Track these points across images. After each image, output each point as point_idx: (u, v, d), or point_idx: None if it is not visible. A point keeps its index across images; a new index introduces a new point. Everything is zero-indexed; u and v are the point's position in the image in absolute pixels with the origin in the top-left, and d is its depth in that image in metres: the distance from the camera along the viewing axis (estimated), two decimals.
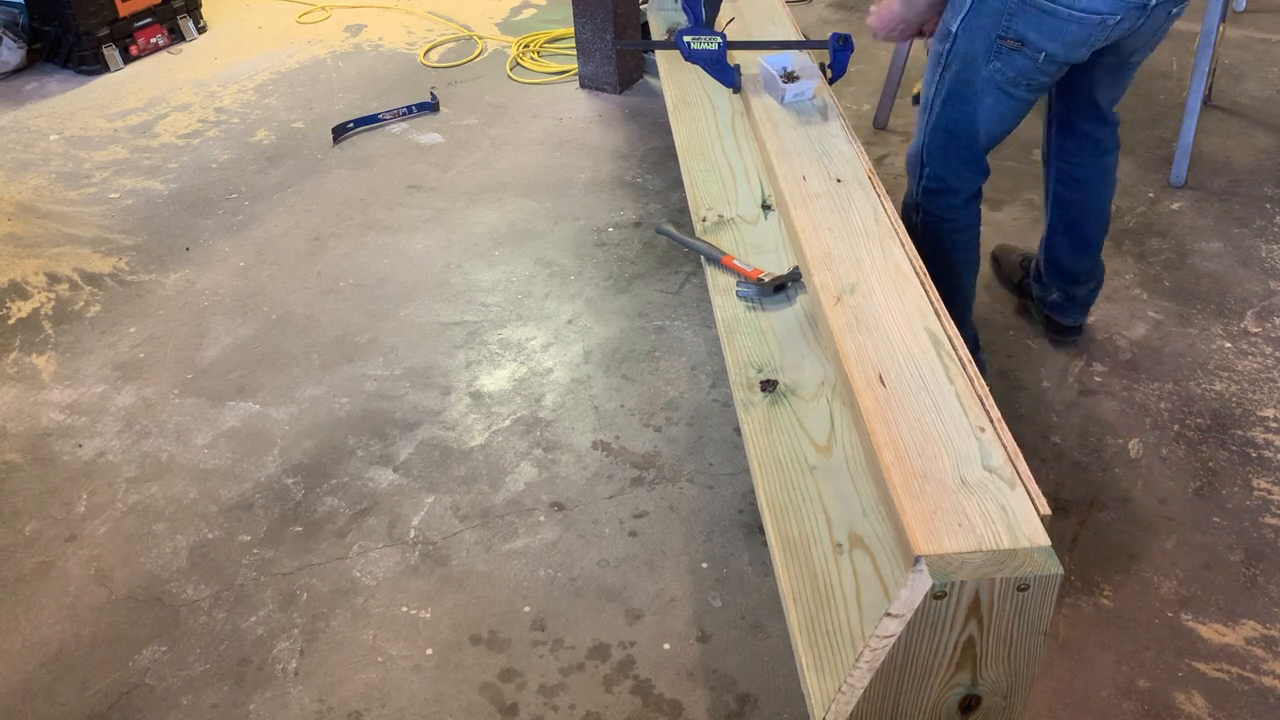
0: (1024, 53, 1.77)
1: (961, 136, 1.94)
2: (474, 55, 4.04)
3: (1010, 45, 1.77)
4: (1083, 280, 2.34)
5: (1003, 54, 1.79)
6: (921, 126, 2.00)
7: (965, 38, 1.82)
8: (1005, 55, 1.79)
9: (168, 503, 2.11)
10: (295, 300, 2.69)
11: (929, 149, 1.99)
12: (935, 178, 2.02)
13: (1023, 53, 1.78)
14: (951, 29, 1.83)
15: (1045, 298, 2.40)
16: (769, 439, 1.61)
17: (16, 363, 2.51)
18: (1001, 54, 1.79)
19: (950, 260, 2.09)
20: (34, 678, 1.78)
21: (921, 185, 2.04)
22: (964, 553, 1.20)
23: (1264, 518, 2.01)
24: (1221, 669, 1.74)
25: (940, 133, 1.96)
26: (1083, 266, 2.32)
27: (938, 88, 1.92)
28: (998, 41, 1.78)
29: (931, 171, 2.01)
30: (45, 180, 3.27)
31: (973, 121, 1.91)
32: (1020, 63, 1.80)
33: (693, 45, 2.28)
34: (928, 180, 2.03)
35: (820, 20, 4.22)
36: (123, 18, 3.99)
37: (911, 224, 2.08)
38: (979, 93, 1.86)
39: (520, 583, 1.92)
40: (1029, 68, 1.80)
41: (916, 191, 2.06)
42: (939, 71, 1.90)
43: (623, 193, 3.09)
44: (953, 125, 1.93)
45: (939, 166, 2.00)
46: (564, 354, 2.47)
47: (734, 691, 1.73)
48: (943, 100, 1.92)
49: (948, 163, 1.99)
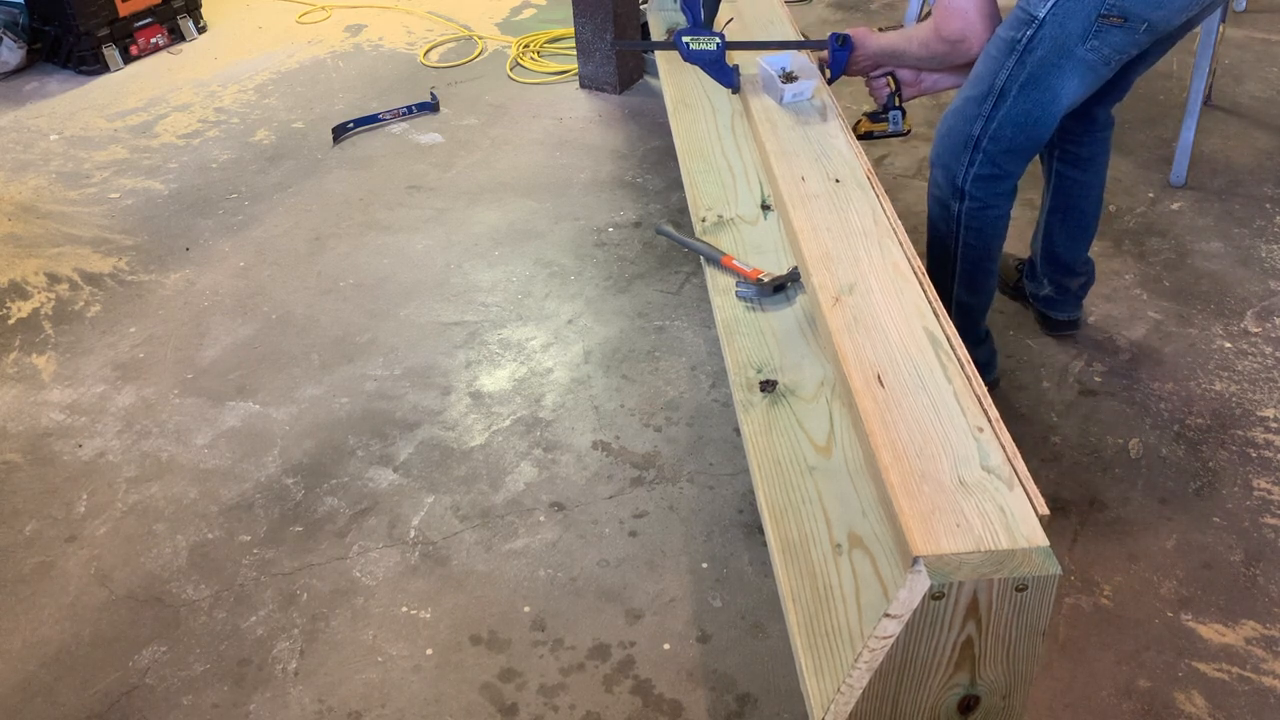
0: (1125, 27, 1.74)
1: (1034, 124, 1.90)
2: (474, 55, 4.04)
3: (1112, 22, 1.73)
4: (1077, 271, 2.35)
5: (1102, 32, 1.75)
6: (982, 114, 1.93)
7: (1057, 21, 1.77)
8: (1105, 33, 1.75)
9: (168, 503, 2.11)
10: (295, 300, 2.69)
11: (993, 136, 1.93)
12: (992, 164, 1.97)
13: (1124, 27, 1.74)
14: (1038, 14, 1.78)
15: (1038, 293, 2.41)
16: (769, 439, 1.61)
17: (16, 363, 2.51)
18: (1101, 32, 1.75)
19: (989, 248, 2.08)
20: (34, 678, 1.78)
21: (973, 172, 1.99)
22: (962, 553, 1.20)
23: (1264, 518, 2.01)
24: (1221, 669, 1.75)
25: (1012, 121, 1.91)
26: (1077, 255, 2.32)
27: (1013, 74, 1.85)
28: (1099, 20, 1.74)
29: (988, 159, 1.96)
30: (45, 180, 3.27)
31: (1053, 105, 1.87)
32: (1117, 38, 1.76)
33: (692, 46, 2.28)
34: (981, 167, 1.98)
35: (820, 20, 4.22)
36: (123, 18, 3.99)
37: (948, 214, 2.06)
38: (1066, 75, 1.82)
39: (520, 583, 1.92)
40: (1126, 42, 1.77)
41: (964, 178, 2.00)
42: (1016, 57, 1.84)
43: (623, 193, 3.09)
44: (1030, 112, 1.89)
45: (1000, 155, 1.96)
46: (564, 354, 2.47)
47: (734, 691, 1.73)
48: (1020, 86, 1.86)
49: (1013, 150, 1.95)
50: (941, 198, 2.07)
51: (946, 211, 2.06)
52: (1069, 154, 2.21)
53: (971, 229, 2.04)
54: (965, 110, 1.97)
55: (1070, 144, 2.20)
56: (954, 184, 2.02)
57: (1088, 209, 2.27)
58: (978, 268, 2.10)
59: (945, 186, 2.05)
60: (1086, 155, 2.20)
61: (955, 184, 2.02)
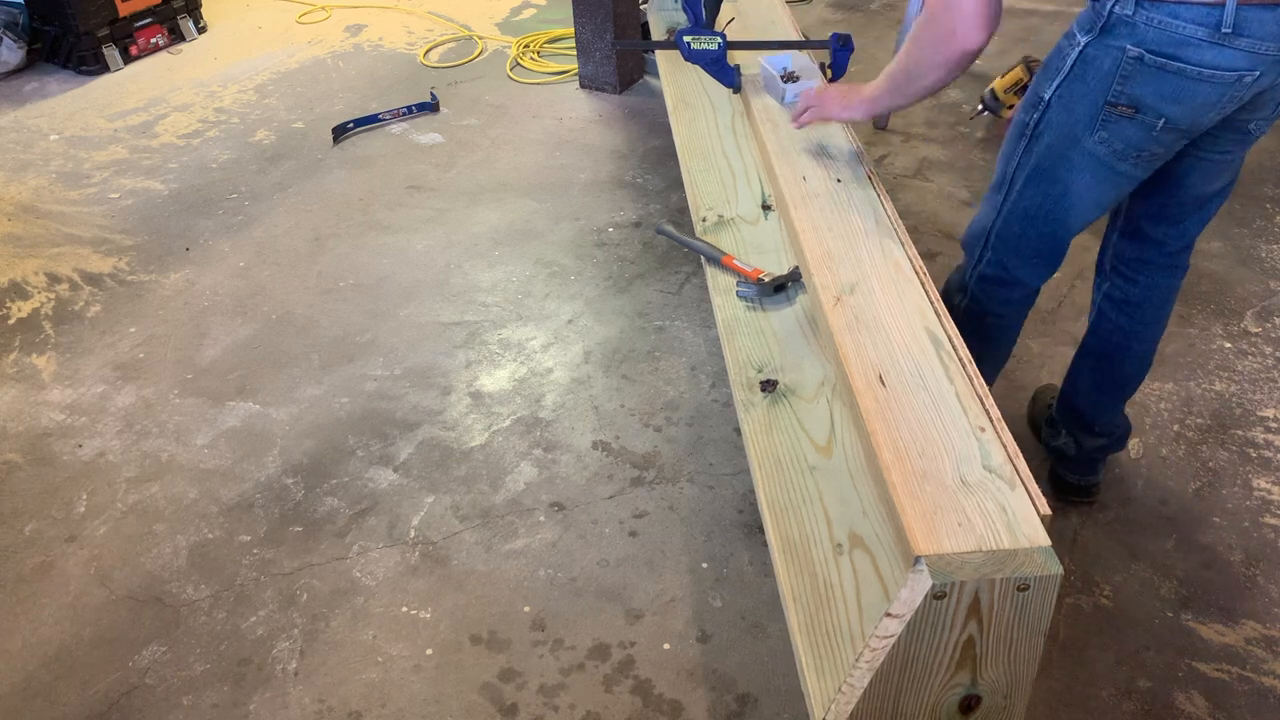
0: (1138, 120, 1.50)
1: (1045, 220, 1.68)
2: (474, 55, 4.04)
3: (1121, 112, 1.50)
4: (1097, 430, 1.99)
5: (1111, 122, 1.52)
6: (994, 205, 1.74)
7: (1062, 105, 1.56)
8: (1114, 124, 1.52)
9: (168, 503, 2.11)
10: (295, 300, 2.69)
11: (1000, 233, 1.74)
12: (999, 265, 1.77)
13: (1136, 120, 1.50)
14: (1044, 96, 1.58)
15: (1051, 442, 2.06)
16: (769, 439, 1.61)
17: (16, 363, 2.51)
18: (1110, 123, 1.52)
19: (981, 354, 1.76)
20: (34, 678, 1.78)
21: (978, 271, 1.80)
22: (964, 553, 1.20)
23: (1264, 518, 2.01)
24: (1221, 669, 1.74)
25: (1019, 216, 1.70)
26: (1103, 412, 1.98)
27: (1021, 163, 1.65)
28: (1105, 108, 1.51)
29: (996, 258, 1.77)
30: (45, 180, 3.27)
31: (1062, 203, 1.64)
32: (1131, 132, 1.52)
33: (693, 45, 2.28)
34: (988, 267, 1.78)
35: (820, 20, 4.22)
36: (123, 18, 3.99)
37: (951, 305, 1.81)
38: (1075, 168, 1.60)
39: (520, 583, 1.92)
40: (1142, 138, 1.52)
41: (970, 276, 1.82)
42: (1023, 144, 1.64)
43: (623, 193, 3.09)
44: (1037, 207, 1.67)
45: (1007, 254, 1.75)
46: (564, 354, 2.47)
47: (734, 691, 1.73)
48: (1026, 177, 1.65)
49: (1020, 251, 1.74)
50: (952, 285, 1.90)
51: (950, 299, 1.87)
52: (1117, 290, 1.88)
53: (967, 330, 1.67)
54: (988, 197, 1.77)
55: (1121, 278, 1.87)
56: (963, 277, 1.85)
57: (1125, 362, 1.92)
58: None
59: (959, 276, 1.88)
60: (1137, 298, 1.86)
61: (964, 278, 1.85)
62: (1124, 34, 1.45)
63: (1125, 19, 1.44)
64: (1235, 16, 1.37)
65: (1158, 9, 1.40)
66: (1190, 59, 1.41)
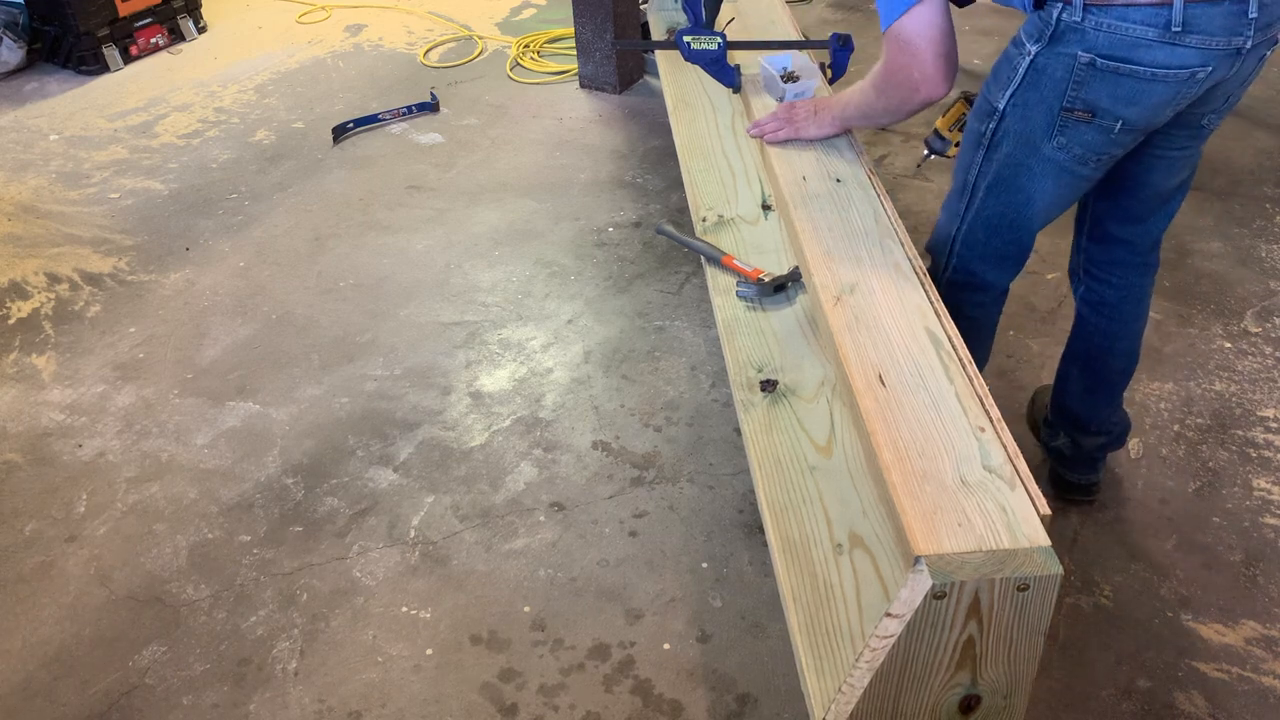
0: (1095, 124, 1.51)
1: (1009, 228, 1.69)
2: (474, 55, 4.04)
3: (1078, 117, 1.51)
4: (1094, 430, 2.00)
5: (1068, 128, 1.53)
6: (955, 213, 1.74)
7: (1018, 113, 1.56)
8: (1071, 129, 1.53)
9: (168, 503, 2.11)
10: (295, 300, 2.69)
11: (965, 240, 1.74)
12: (965, 272, 1.78)
13: (1093, 124, 1.51)
14: (998, 105, 1.58)
15: (1050, 442, 2.07)
16: (769, 439, 1.61)
17: (16, 363, 2.51)
18: (1066, 128, 1.53)
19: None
20: (34, 678, 1.78)
21: (947, 277, 1.80)
22: (964, 553, 1.20)
23: (1264, 518, 2.01)
24: (1221, 669, 1.74)
25: (982, 224, 1.70)
26: (1095, 413, 1.99)
27: (981, 171, 1.65)
28: (1062, 114, 1.51)
29: (961, 265, 1.77)
30: (45, 180, 3.27)
31: (1025, 209, 1.65)
32: (1089, 136, 1.53)
33: (693, 45, 2.28)
34: (954, 273, 1.78)
35: (820, 20, 4.22)
36: (123, 18, 3.99)
37: None
38: (1036, 175, 1.60)
39: (520, 583, 1.92)
40: (1100, 141, 1.53)
41: (939, 281, 1.80)
42: (981, 153, 1.64)
43: (623, 193, 3.09)
44: (999, 215, 1.68)
45: (973, 260, 1.76)
46: (564, 354, 2.47)
47: (734, 691, 1.73)
48: (988, 186, 1.66)
49: (985, 257, 1.75)
50: None
51: None
52: (1093, 294, 1.90)
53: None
54: (948, 204, 1.78)
55: (1095, 280, 1.89)
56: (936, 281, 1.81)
57: (1111, 361, 1.94)
58: None
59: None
60: (1113, 299, 1.87)
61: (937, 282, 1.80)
62: (1074, 41, 1.45)
63: (1074, 26, 1.44)
64: (1184, 14, 1.38)
65: (1106, 13, 1.41)
66: (1143, 60, 1.42)
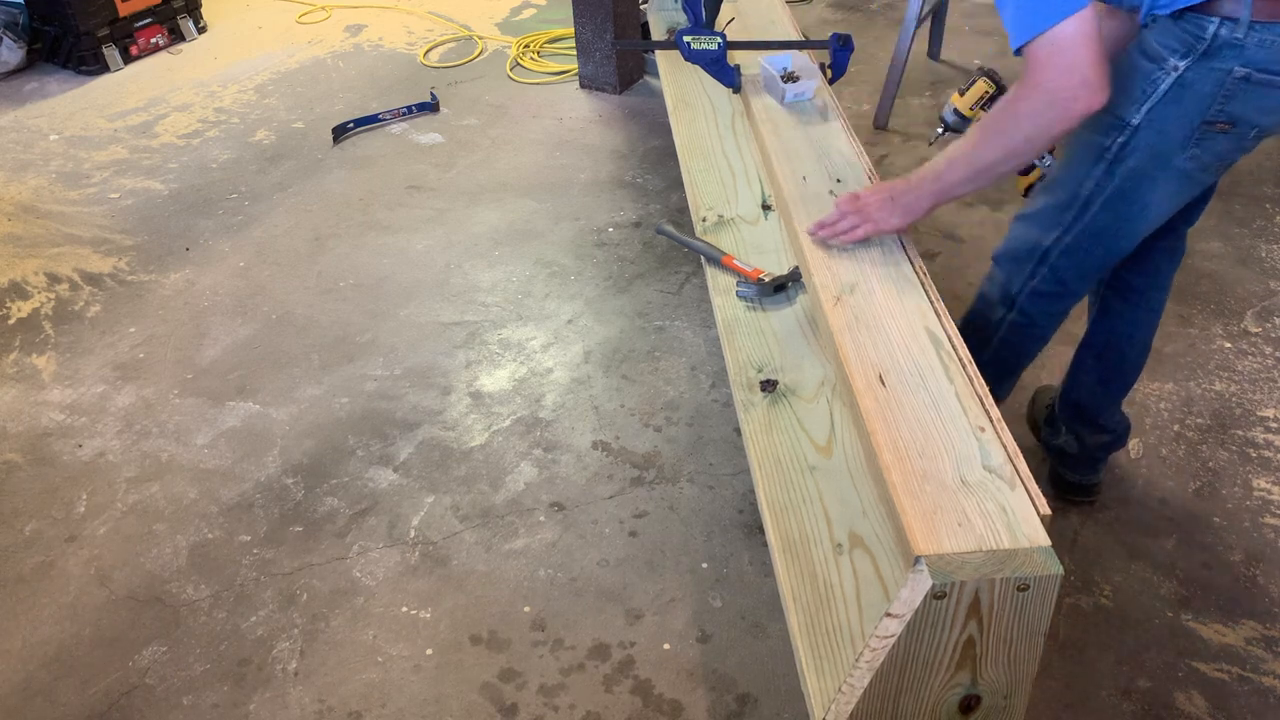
0: (1231, 134, 1.50)
1: (1119, 238, 1.67)
2: (474, 55, 4.04)
3: (1218, 129, 1.50)
4: (1101, 426, 2.01)
5: (1205, 140, 1.51)
6: (1057, 224, 1.69)
7: (1153, 128, 1.52)
8: (1208, 140, 1.52)
9: (168, 503, 2.11)
10: (295, 300, 2.69)
11: (1067, 249, 1.70)
12: (1057, 282, 1.75)
13: (1230, 134, 1.50)
14: (1129, 120, 1.53)
15: (1052, 441, 2.08)
16: (769, 439, 1.61)
17: (16, 363, 2.51)
18: (1203, 140, 1.51)
19: (1019, 363, 1.91)
20: (34, 678, 1.78)
21: (1031, 285, 1.77)
22: (964, 553, 1.20)
23: (1264, 518, 2.01)
24: (1221, 669, 1.74)
25: (1091, 236, 1.67)
26: (1104, 407, 2.01)
27: (1099, 185, 1.61)
28: (1201, 127, 1.50)
29: (1054, 275, 1.74)
30: (45, 180, 3.27)
31: (1140, 220, 1.64)
32: (1223, 146, 1.52)
33: (693, 45, 2.28)
34: (1043, 282, 1.76)
35: (820, 20, 4.22)
36: (123, 18, 3.99)
37: (991, 315, 1.85)
38: (1159, 185, 1.58)
39: (520, 583, 1.92)
40: (1231, 149, 1.54)
41: (1020, 291, 1.79)
42: (1101, 167, 1.59)
43: (623, 193, 3.09)
44: (1110, 226, 1.65)
45: (1068, 270, 1.73)
46: (564, 354, 2.47)
47: (734, 691, 1.73)
48: (1105, 200, 1.62)
49: (1084, 267, 1.73)
50: (991, 298, 1.87)
51: (991, 312, 1.86)
52: (1119, 279, 1.91)
53: (1009, 342, 1.84)
54: (1043, 217, 1.72)
55: (1122, 267, 1.89)
56: (1007, 292, 1.82)
57: (1128, 352, 1.95)
58: (1002, 375, 1.91)
59: (998, 290, 1.85)
60: (1139, 285, 1.89)
61: (1009, 292, 1.82)
62: (1230, 56, 1.43)
63: (1233, 42, 1.42)
64: None
65: (1269, 30, 1.40)
66: None
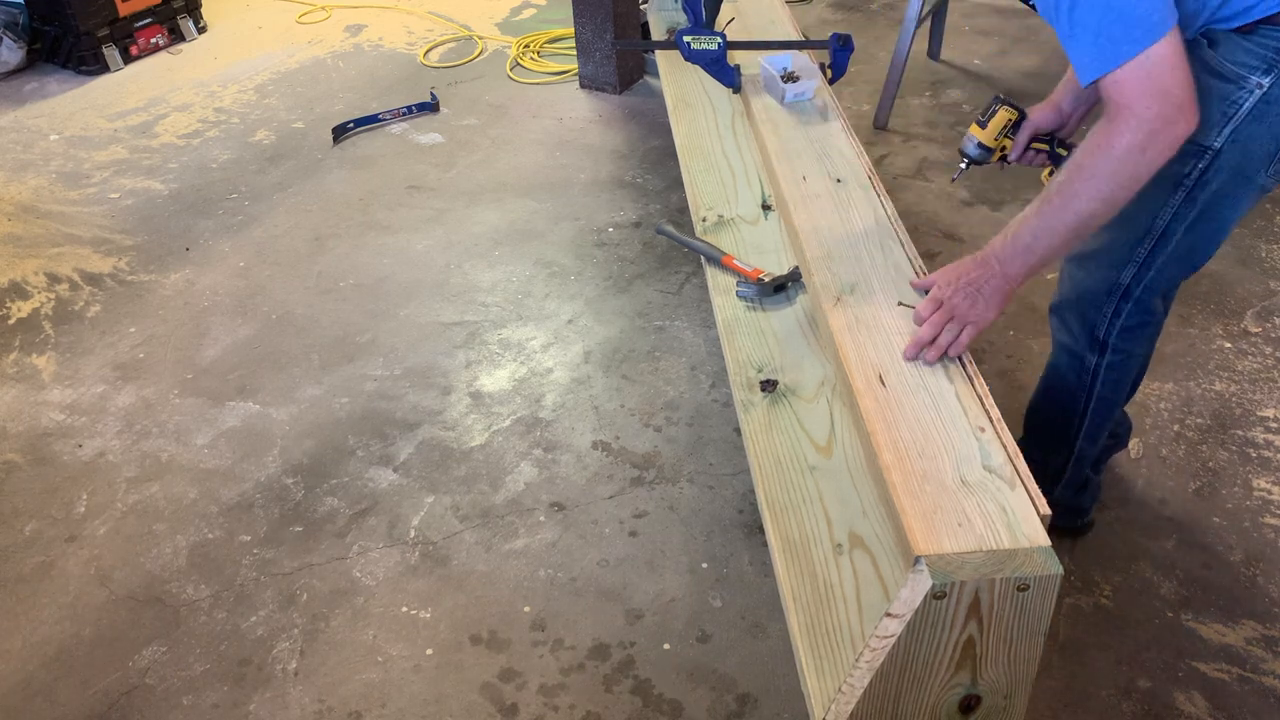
0: None
1: (1201, 256, 1.66)
2: (474, 55, 4.04)
3: None
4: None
5: None
6: (1135, 259, 1.64)
7: (1236, 149, 1.51)
8: None
9: (168, 503, 2.11)
10: (295, 300, 2.69)
11: (1150, 283, 1.66)
12: (1145, 312, 1.71)
13: None
14: (1209, 144, 1.51)
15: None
16: (769, 439, 1.61)
17: (16, 363, 2.51)
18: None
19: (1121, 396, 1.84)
20: (34, 678, 1.78)
21: (1119, 323, 1.71)
22: (964, 553, 1.20)
23: (1264, 518, 2.01)
24: (1221, 669, 1.74)
25: (1176, 262, 1.64)
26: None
27: (1179, 214, 1.57)
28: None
29: (1141, 307, 1.70)
30: (45, 180, 3.27)
31: (1220, 235, 1.63)
32: None
33: (693, 45, 2.28)
34: (1130, 317, 1.71)
35: (820, 20, 4.22)
36: (123, 18, 3.99)
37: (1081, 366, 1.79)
38: (1241, 203, 1.58)
39: (520, 583, 1.92)
40: None
41: (1108, 331, 1.73)
42: (1180, 194, 1.56)
43: (623, 193, 3.09)
44: (1193, 249, 1.63)
45: (1151, 298, 1.69)
46: (564, 354, 2.47)
47: (734, 691, 1.73)
48: (1188, 226, 1.58)
49: (1169, 291, 1.73)
50: (1075, 349, 1.79)
51: (1080, 364, 1.79)
52: None
53: (1109, 382, 1.78)
54: (1112, 255, 1.67)
55: None
56: (1093, 336, 1.75)
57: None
58: (1107, 417, 1.86)
59: (1081, 338, 1.77)
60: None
61: (1095, 336, 1.75)
62: None
63: None
64: None
65: None
66: None
